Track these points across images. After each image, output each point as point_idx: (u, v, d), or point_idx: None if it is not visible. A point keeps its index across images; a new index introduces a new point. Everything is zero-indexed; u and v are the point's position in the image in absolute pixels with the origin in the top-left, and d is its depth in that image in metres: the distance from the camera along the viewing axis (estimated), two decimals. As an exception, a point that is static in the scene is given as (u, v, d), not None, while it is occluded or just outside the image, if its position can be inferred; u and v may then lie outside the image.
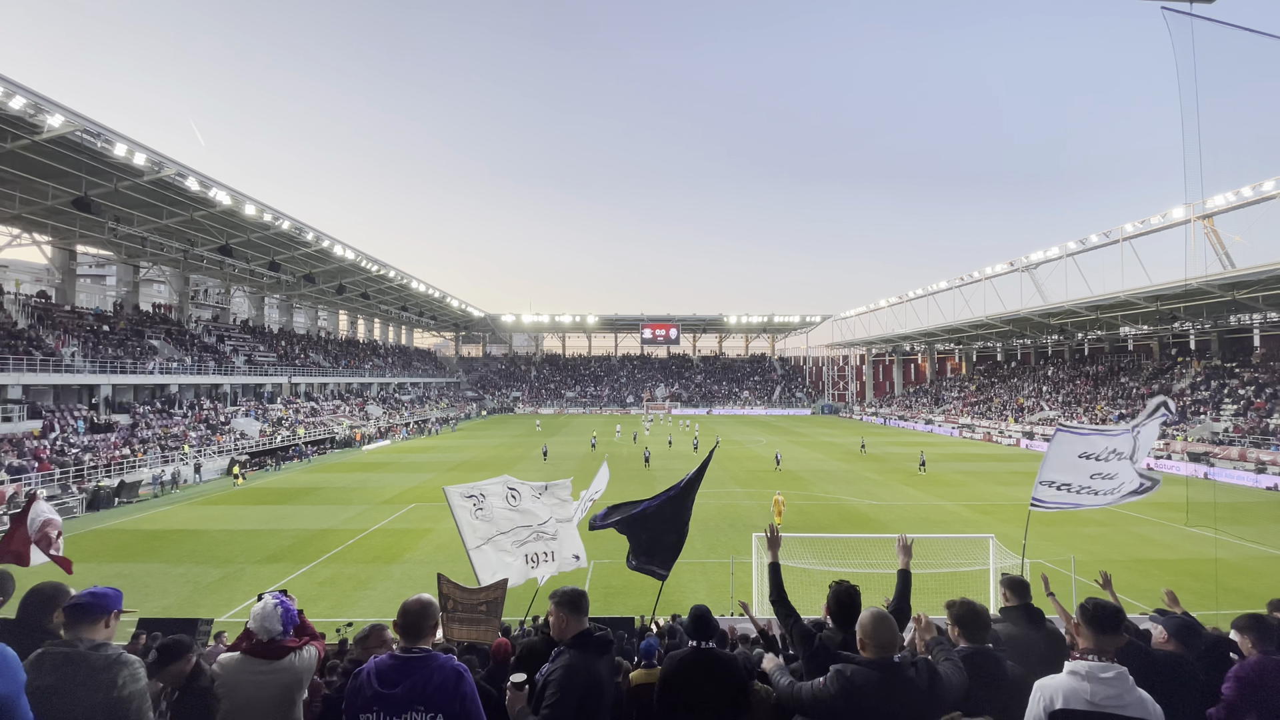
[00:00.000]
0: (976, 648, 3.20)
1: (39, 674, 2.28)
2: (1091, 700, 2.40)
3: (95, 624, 2.47)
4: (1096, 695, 2.40)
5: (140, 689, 2.42)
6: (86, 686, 2.28)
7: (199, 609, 13.64)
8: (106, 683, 2.32)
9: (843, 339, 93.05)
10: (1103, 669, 2.44)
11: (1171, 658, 3.43)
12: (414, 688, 2.44)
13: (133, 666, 2.42)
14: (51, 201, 29.33)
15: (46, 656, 2.33)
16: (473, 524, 6.66)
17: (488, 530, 6.73)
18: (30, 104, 21.84)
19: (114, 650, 2.43)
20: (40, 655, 2.33)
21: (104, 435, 30.00)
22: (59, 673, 2.28)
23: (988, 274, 63.20)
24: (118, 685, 2.33)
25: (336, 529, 21.68)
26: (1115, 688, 2.40)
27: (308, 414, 48.30)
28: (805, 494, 27.83)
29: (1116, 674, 2.43)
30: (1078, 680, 2.46)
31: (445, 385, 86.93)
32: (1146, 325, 52.00)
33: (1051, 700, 2.47)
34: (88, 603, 2.47)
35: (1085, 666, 2.47)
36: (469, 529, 6.62)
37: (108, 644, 2.45)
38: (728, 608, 13.51)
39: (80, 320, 35.37)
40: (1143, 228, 45.14)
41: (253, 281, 53.22)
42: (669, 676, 3.36)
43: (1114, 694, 2.39)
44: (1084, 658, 2.53)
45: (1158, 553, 18.87)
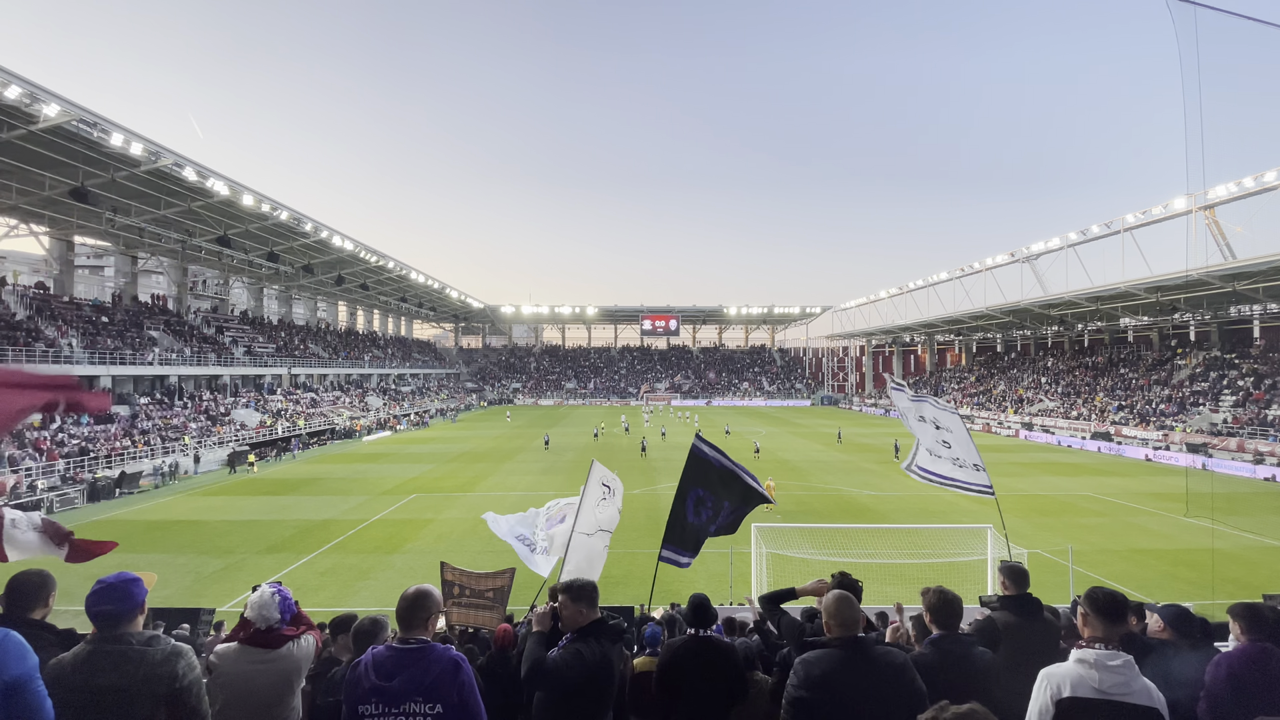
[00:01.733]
0: (946, 634, 3.23)
1: (95, 673, 2.26)
2: (1099, 688, 2.41)
3: (136, 616, 2.44)
4: (1104, 683, 2.41)
5: (197, 676, 2.45)
6: (149, 681, 2.28)
7: (201, 599, 13.71)
8: (169, 675, 2.32)
9: (842, 330, 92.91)
10: (1110, 657, 2.45)
11: (1166, 646, 3.45)
12: (412, 679, 2.43)
13: (188, 656, 2.43)
14: (49, 192, 29.18)
15: (100, 655, 2.30)
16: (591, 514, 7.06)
17: None
18: (26, 93, 21.68)
19: (167, 642, 2.42)
20: (92, 653, 2.31)
21: (104, 426, 30.03)
22: (119, 671, 2.27)
23: (988, 265, 63.02)
24: (179, 676, 2.34)
25: (337, 519, 21.75)
26: (1122, 675, 2.41)
27: (307, 405, 48.34)
28: (804, 484, 27.91)
29: (1124, 662, 2.44)
30: (1085, 668, 2.46)
31: (445, 376, 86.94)
32: (1147, 316, 51.94)
33: (1059, 688, 2.47)
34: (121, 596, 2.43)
35: (1093, 655, 2.47)
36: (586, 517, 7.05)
37: (159, 636, 2.44)
38: (726, 597, 13.58)
39: (79, 311, 35.30)
40: (1144, 218, 44.96)
41: (251, 272, 53.08)
42: (667, 664, 3.38)
43: (1121, 681, 2.40)
44: (1091, 646, 2.54)
45: (1155, 543, 18.95)
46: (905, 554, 15.85)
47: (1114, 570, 16.02)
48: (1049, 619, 4.06)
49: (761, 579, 13.85)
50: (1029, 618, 3.88)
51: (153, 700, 2.29)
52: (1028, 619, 3.87)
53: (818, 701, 2.61)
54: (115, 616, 2.39)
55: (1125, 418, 43.19)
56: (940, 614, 3.30)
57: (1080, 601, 2.86)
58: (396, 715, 2.39)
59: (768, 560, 14.42)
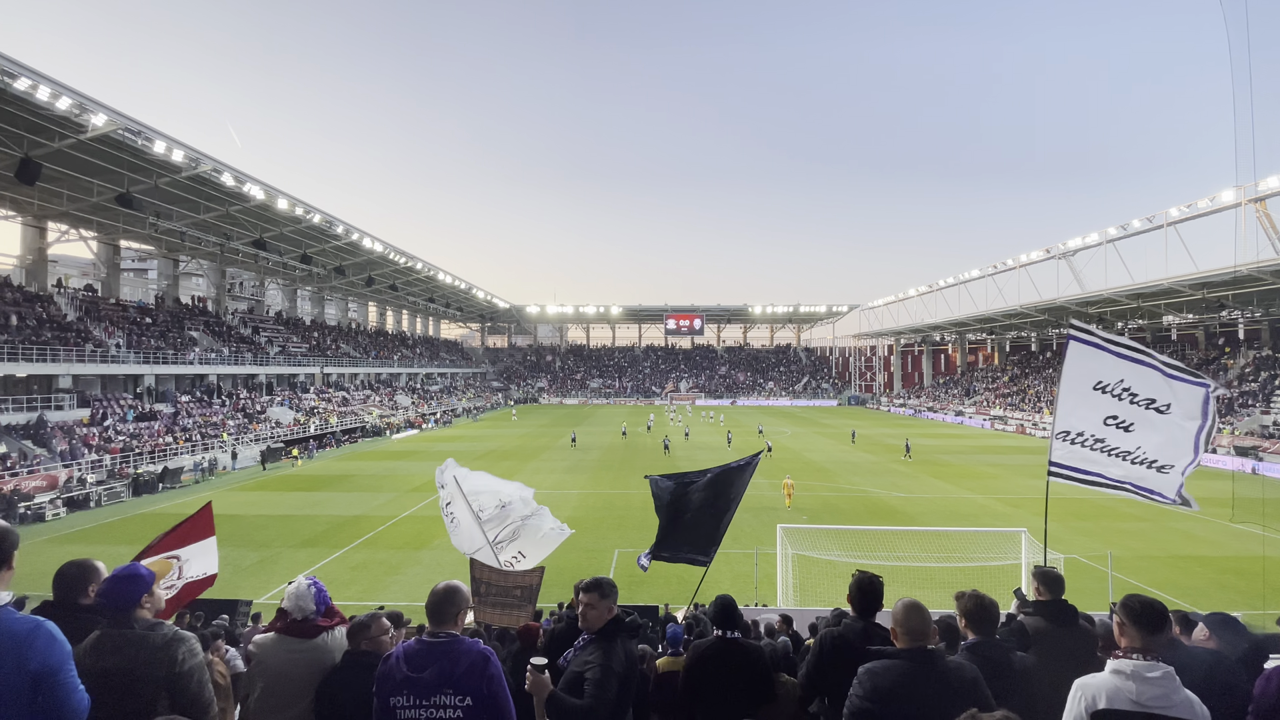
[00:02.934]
0: (982, 640, 3.15)
1: (100, 656, 2.37)
2: (1137, 700, 2.31)
3: (139, 604, 2.54)
4: (1142, 695, 2.31)
5: (198, 663, 2.53)
6: (150, 665, 2.38)
7: (239, 590, 14.11)
8: (168, 660, 2.41)
9: (870, 329, 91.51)
10: (1149, 668, 2.35)
11: (1211, 655, 3.32)
12: (442, 671, 2.48)
13: (190, 642, 2.52)
14: (96, 198, 30.31)
15: (105, 639, 2.41)
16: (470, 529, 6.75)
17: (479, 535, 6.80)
18: (75, 104, 22.55)
19: (169, 628, 2.52)
20: (99, 638, 2.42)
21: (148, 423, 31.12)
22: (121, 654, 2.37)
23: (1022, 261, 61.40)
24: (178, 661, 2.43)
25: (368, 515, 22.20)
26: (1162, 688, 2.31)
27: (339, 403, 49.41)
28: (831, 486, 27.57)
29: (1163, 674, 2.34)
30: (1122, 680, 2.37)
31: (471, 375, 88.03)
32: (1192, 314, 50.05)
33: (1094, 700, 2.39)
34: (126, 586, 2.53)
35: (1130, 665, 2.38)
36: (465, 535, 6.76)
37: (162, 623, 2.54)
38: (752, 598, 13.50)
39: (125, 313, 36.66)
40: (1188, 212, 43.29)
41: (286, 274, 54.43)
42: (693, 665, 3.38)
43: (1160, 694, 2.30)
44: (1128, 656, 2.44)
45: (1200, 549, 18.27)
46: (935, 558, 15.55)
47: (1156, 577, 15.49)
48: (1085, 627, 3.93)
49: (787, 580, 13.74)
50: (1063, 625, 3.76)
51: (153, 683, 2.37)
52: (1062, 626, 3.74)
53: (884, 715, 2.53)
54: (116, 606, 2.49)
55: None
56: (976, 619, 3.23)
57: (1116, 610, 2.74)
58: (427, 707, 2.45)
59: (793, 561, 14.30)
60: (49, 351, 27.74)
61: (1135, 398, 5.59)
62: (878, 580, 3.39)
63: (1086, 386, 5.67)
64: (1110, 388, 5.62)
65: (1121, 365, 5.64)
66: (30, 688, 2.06)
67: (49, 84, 21.31)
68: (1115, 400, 5.61)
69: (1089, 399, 5.66)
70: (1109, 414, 5.62)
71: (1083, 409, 5.69)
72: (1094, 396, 5.65)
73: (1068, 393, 5.72)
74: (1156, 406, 5.54)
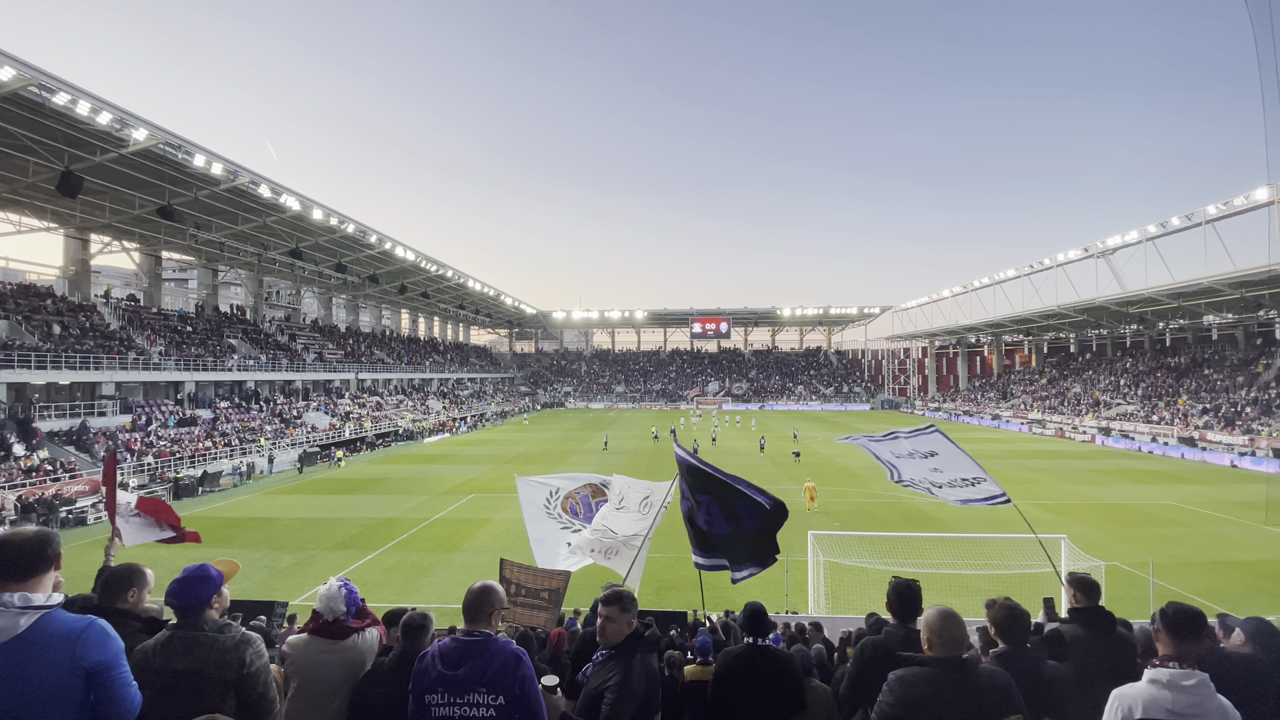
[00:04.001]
0: (1012, 649, 3.09)
1: (171, 656, 2.46)
2: (1172, 709, 2.33)
3: (209, 604, 2.63)
4: (1177, 704, 2.33)
5: (265, 664, 2.61)
6: (219, 666, 2.47)
7: (275, 592, 14.47)
8: (237, 661, 2.49)
9: (903, 331, 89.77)
10: (1184, 676, 2.36)
11: (1247, 660, 3.22)
12: (476, 669, 2.52)
13: (257, 644, 2.60)
14: (138, 210, 31.49)
15: (176, 640, 2.50)
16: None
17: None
18: (116, 119, 23.44)
19: (238, 630, 2.60)
20: (170, 639, 2.51)
21: (188, 429, 32.17)
22: (192, 655, 2.46)
23: (1059, 261, 59.73)
24: (246, 663, 2.51)
25: (400, 518, 22.57)
26: (1196, 696, 2.33)
27: (373, 408, 50.41)
28: (864, 491, 27.13)
29: (1198, 681, 2.35)
30: (1158, 689, 2.38)
31: (500, 380, 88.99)
32: (1231, 314, 48.16)
33: (1131, 710, 2.39)
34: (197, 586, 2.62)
35: (1166, 674, 2.39)
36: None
37: (230, 624, 2.63)
38: (782, 605, 13.34)
39: (166, 321, 38.01)
40: (1226, 210, 41.73)
41: (321, 283, 55.81)
42: (723, 673, 3.36)
43: (1195, 702, 2.32)
44: (1164, 665, 2.44)
45: (1239, 554, 17.58)
46: (971, 564, 15.20)
47: (1196, 584, 14.90)
48: (1123, 633, 3.82)
49: (819, 587, 13.55)
50: (1101, 632, 3.66)
51: (222, 684, 2.45)
52: (1099, 633, 3.65)
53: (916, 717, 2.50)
54: (186, 606, 2.58)
55: (1210, 421, 40.11)
56: (1006, 628, 3.17)
57: (1155, 618, 2.74)
58: (461, 705, 2.49)
59: (825, 568, 14.09)
60: (92, 359, 28.85)
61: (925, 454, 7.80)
62: (915, 585, 3.37)
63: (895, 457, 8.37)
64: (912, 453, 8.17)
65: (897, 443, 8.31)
66: (83, 685, 2.10)
67: (88, 99, 21.97)
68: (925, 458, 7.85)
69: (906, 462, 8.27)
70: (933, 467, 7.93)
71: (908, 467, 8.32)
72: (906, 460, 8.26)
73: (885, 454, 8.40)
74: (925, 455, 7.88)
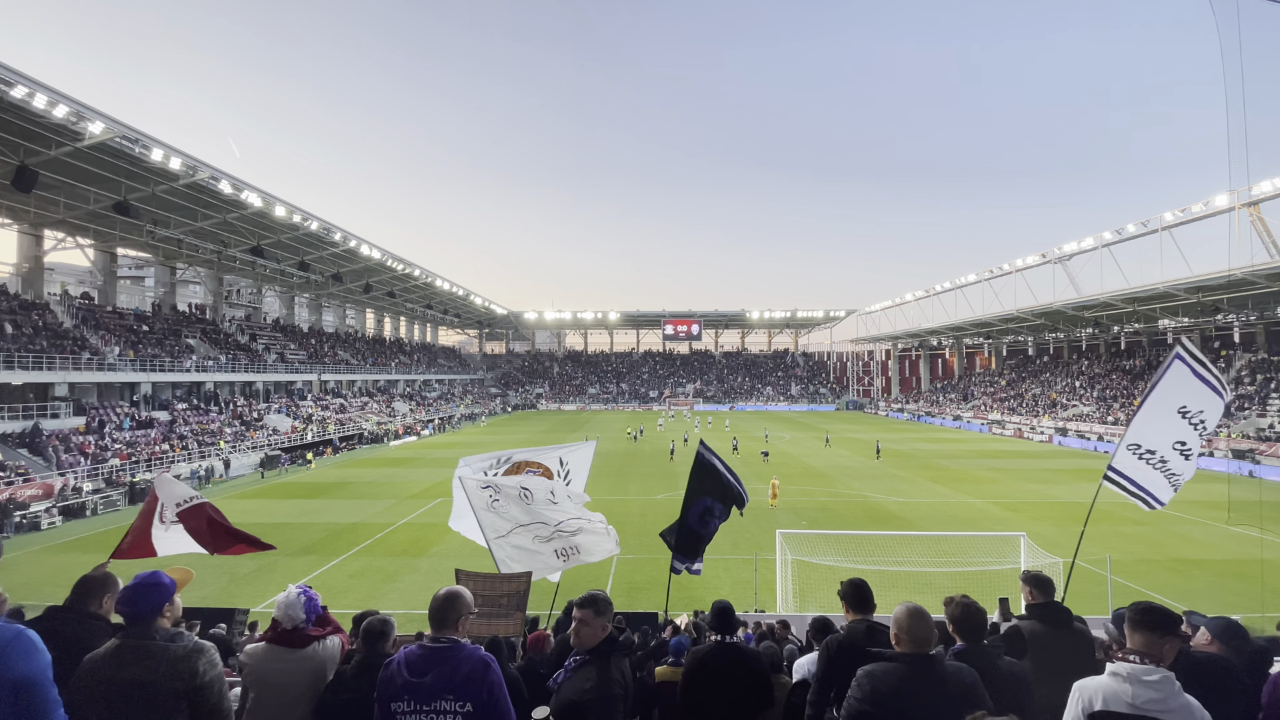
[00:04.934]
0: (969, 646, 3.13)
1: (121, 666, 2.34)
2: (1133, 703, 2.31)
3: (160, 613, 2.51)
4: (1138, 698, 2.31)
5: (218, 674, 2.50)
6: (170, 677, 2.35)
7: (235, 599, 14.04)
8: (189, 672, 2.38)
9: (867, 334, 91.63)
10: (1146, 671, 2.35)
11: (1215, 660, 3.30)
12: (443, 676, 2.47)
13: (210, 653, 2.49)
14: (93, 206, 30.31)
15: (126, 650, 2.38)
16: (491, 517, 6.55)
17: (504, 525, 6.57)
18: (72, 112, 22.56)
19: (190, 639, 2.49)
20: (119, 648, 2.39)
21: (144, 432, 31.02)
22: (142, 665, 2.34)
23: (1018, 266, 61.64)
24: (199, 673, 2.40)
25: (365, 523, 22.11)
26: (1159, 691, 2.30)
27: (337, 410, 49.31)
28: (830, 491, 27.54)
29: (1162, 678, 2.33)
30: (1119, 682, 2.37)
31: (469, 382, 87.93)
32: (1187, 318, 50.25)
33: (1090, 701, 2.39)
34: (148, 593, 2.51)
35: (1128, 668, 2.38)
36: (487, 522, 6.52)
37: (182, 633, 2.51)
38: (751, 604, 13.46)
39: (122, 320, 36.61)
40: (1183, 216, 43.53)
41: (283, 281, 54.42)
42: (692, 671, 3.36)
43: (1157, 698, 2.29)
44: (1128, 659, 2.44)
45: (1199, 553, 18.29)
46: (935, 562, 15.55)
47: (1156, 581, 15.48)
48: (1079, 628, 3.92)
49: (787, 585, 13.71)
50: (1058, 627, 3.76)
51: (174, 695, 2.34)
52: (1056, 628, 3.74)
53: (882, 718, 2.53)
54: (136, 614, 2.47)
55: (1165, 423, 41.81)
56: (964, 625, 3.21)
57: (1124, 614, 2.75)
58: (428, 712, 2.44)
59: (793, 567, 14.27)
60: (45, 359, 27.69)
61: (1203, 427, 5.56)
62: (861, 580, 3.51)
63: (1172, 408, 5.56)
64: (1191, 415, 5.55)
65: (1208, 396, 5.54)
66: (11, 696, 2.04)
67: (46, 92, 21.30)
68: (1190, 428, 5.56)
69: (1169, 420, 5.58)
70: (1179, 439, 5.57)
71: (1159, 426, 5.60)
72: (1174, 419, 5.58)
73: (1153, 408, 5.61)
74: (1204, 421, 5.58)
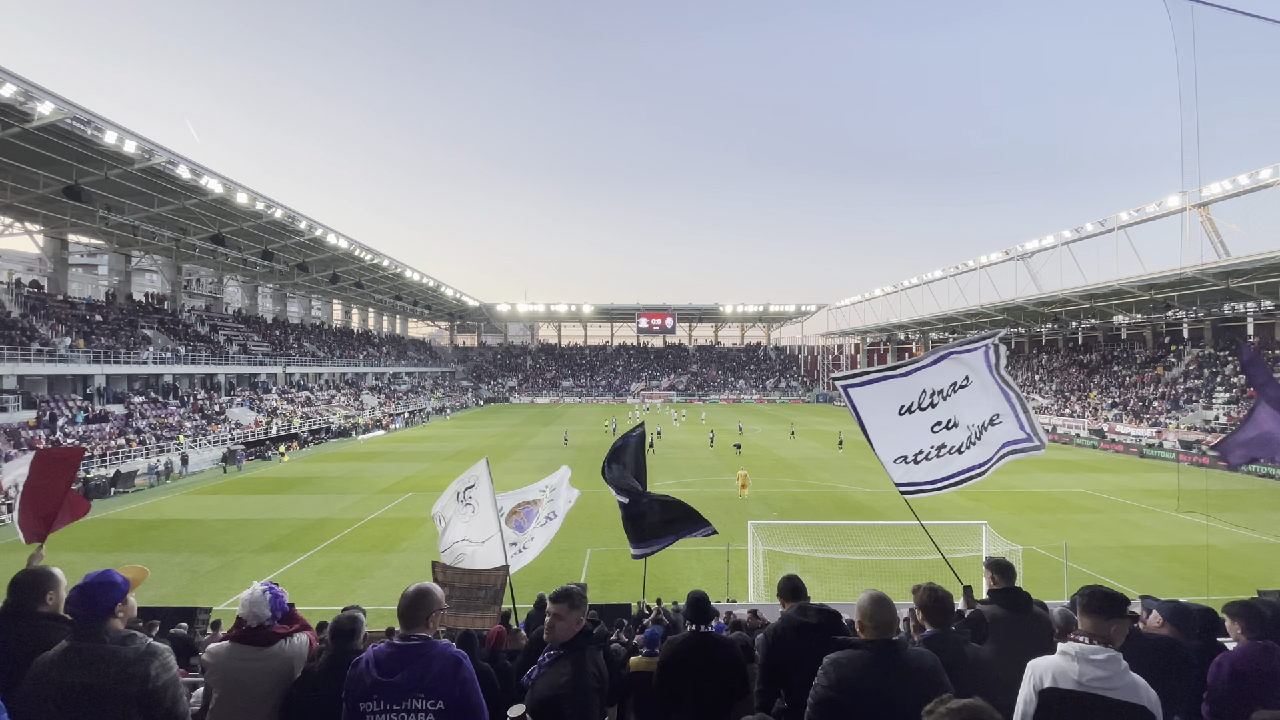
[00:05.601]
0: (938, 632, 3.20)
1: (68, 670, 2.23)
2: (1079, 681, 2.39)
3: (111, 614, 2.41)
4: (1084, 676, 2.39)
5: (172, 677, 2.40)
6: (121, 681, 2.24)
7: (197, 598, 13.68)
8: (140, 675, 2.28)
9: (838, 328, 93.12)
10: (1094, 651, 2.43)
11: (1165, 642, 3.44)
12: (413, 675, 2.43)
13: (163, 656, 2.38)
14: (43, 190, 28.98)
15: (74, 653, 2.27)
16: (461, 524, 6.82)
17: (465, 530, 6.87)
18: (20, 91, 21.51)
19: (142, 641, 2.38)
20: (67, 650, 2.28)
21: (98, 426, 29.88)
22: (90, 670, 2.23)
23: (983, 263, 63.25)
24: (151, 677, 2.30)
25: (333, 518, 21.70)
26: (1105, 670, 2.39)
27: (303, 403, 48.18)
28: (800, 482, 27.97)
29: (1108, 657, 2.41)
30: (1067, 660, 2.46)
31: (440, 375, 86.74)
32: (1140, 314, 52.18)
33: (1041, 679, 2.48)
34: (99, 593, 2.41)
35: (1076, 648, 2.47)
36: None
37: (135, 635, 2.41)
38: (724, 594, 13.61)
39: (73, 310, 35.12)
40: (1138, 216, 45.17)
41: (246, 270, 52.82)
42: (668, 661, 3.39)
43: (1103, 676, 2.38)
44: (1077, 639, 2.53)
45: (1149, 539, 19.08)
46: (900, 551, 15.92)
47: (1108, 566, 16.11)
48: (1039, 612, 4.06)
49: (758, 575, 13.90)
50: (1018, 611, 3.89)
51: (124, 700, 2.24)
52: (1017, 612, 3.87)
53: (848, 703, 2.57)
54: (86, 615, 2.37)
55: (1119, 415, 43.43)
56: (932, 611, 3.28)
57: (1075, 599, 2.85)
58: (399, 711, 2.40)
59: (764, 557, 14.46)
60: (-10, 351, 26.44)
61: (941, 393, 5.34)
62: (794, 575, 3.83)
63: (891, 416, 5.38)
64: (915, 403, 5.36)
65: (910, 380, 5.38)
66: None
67: (-11, 70, 20.28)
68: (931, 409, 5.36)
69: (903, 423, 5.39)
70: (934, 421, 5.35)
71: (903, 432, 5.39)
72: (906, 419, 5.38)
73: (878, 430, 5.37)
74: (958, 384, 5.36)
